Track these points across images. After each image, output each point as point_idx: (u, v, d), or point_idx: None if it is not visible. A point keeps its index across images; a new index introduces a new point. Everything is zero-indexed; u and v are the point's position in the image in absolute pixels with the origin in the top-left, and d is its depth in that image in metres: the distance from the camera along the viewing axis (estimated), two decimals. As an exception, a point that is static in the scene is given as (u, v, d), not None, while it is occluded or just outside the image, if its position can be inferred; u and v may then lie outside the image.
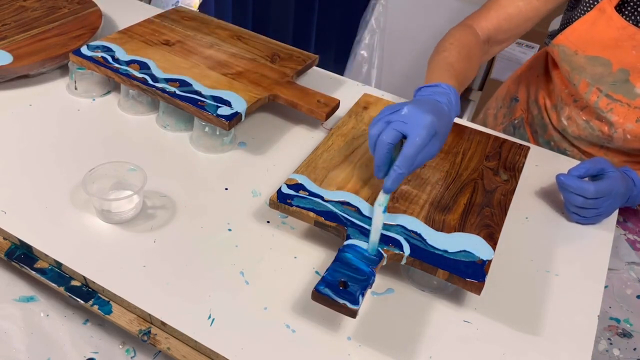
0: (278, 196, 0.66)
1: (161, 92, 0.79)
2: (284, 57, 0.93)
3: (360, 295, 0.55)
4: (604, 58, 0.81)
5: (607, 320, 0.75)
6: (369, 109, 0.84)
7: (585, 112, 0.87)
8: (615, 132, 0.84)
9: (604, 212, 0.74)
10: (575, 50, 0.83)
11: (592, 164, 0.73)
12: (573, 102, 0.88)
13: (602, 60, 0.81)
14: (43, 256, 0.65)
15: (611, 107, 0.83)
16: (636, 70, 0.79)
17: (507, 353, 0.59)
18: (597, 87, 0.83)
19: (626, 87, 0.81)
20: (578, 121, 0.88)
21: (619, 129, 0.84)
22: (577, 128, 0.89)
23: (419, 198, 0.69)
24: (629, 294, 0.79)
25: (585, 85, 0.84)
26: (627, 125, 0.82)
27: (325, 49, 2.05)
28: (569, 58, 0.84)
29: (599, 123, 0.86)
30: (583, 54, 0.82)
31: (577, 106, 0.88)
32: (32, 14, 0.98)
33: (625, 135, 0.83)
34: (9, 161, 0.75)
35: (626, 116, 0.82)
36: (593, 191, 0.70)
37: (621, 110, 0.82)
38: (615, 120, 0.83)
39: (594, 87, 0.83)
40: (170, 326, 0.58)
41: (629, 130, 0.83)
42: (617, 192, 0.72)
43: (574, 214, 0.74)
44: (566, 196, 0.73)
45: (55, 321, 0.64)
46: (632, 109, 0.81)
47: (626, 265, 0.83)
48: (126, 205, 0.68)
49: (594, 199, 0.71)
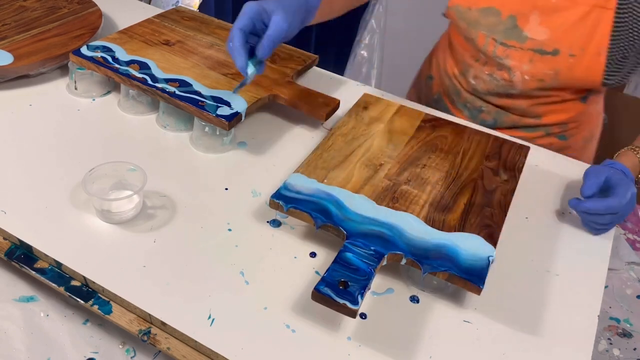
0: (277, 197, 0.66)
1: (161, 92, 0.79)
2: (284, 57, 0.93)
3: (360, 295, 0.55)
4: (494, 8, 0.90)
5: (607, 320, 0.76)
6: (369, 109, 0.84)
7: (487, 67, 0.96)
8: (514, 75, 0.93)
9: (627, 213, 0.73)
10: (468, 6, 0.92)
11: (596, 177, 0.72)
12: (475, 62, 0.98)
13: (492, 10, 0.90)
14: (43, 256, 0.65)
15: (507, 54, 0.91)
16: (521, 14, 0.89)
17: (507, 353, 0.59)
18: (492, 38, 0.92)
19: (516, 32, 0.90)
20: (483, 77, 0.97)
21: (517, 72, 0.92)
22: (484, 84, 0.98)
23: (419, 198, 0.69)
24: (629, 294, 0.79)
25: (483, 37, 0.93)
26: (522, 67, 0.91)
27: (325, 49, 2.04)
28: (463, 15, 0.93)
29: (500, 72, 0.95)
30: (475, 7, 0.92)
31: (480, 64, 0.97)
32: (32, 14, 0.98)
33: (523, 76, 0.92)
34: (9, 161, 0.75)
35: (521, 59, 0.91)
36: (616, 206, 0.70)
37: (516, 54, 0.91)
38: (512, 64, 0.92)
39: (490, 37, 0.92)
40: (170, 326, 0.58)
41: (525, 71, 0.91)
42: (632, 191, 0.72)
43: (599, 230, 0.74)
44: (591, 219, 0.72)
45: (55, 321, 0.64)
46: (525, 51, 0.90)
47: (626, 265, 0.83)
48: (126, 205, 0.68)
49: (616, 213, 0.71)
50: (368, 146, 0.76)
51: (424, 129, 0.81)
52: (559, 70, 0.89)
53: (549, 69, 0.89)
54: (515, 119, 0.99)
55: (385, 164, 0.74)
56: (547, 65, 0.89)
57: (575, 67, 0.88)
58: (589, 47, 0.86)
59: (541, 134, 1.00)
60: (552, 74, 0.90)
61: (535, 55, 0.89)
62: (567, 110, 0.97)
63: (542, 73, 0.90)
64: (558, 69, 0.89)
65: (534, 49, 0.89)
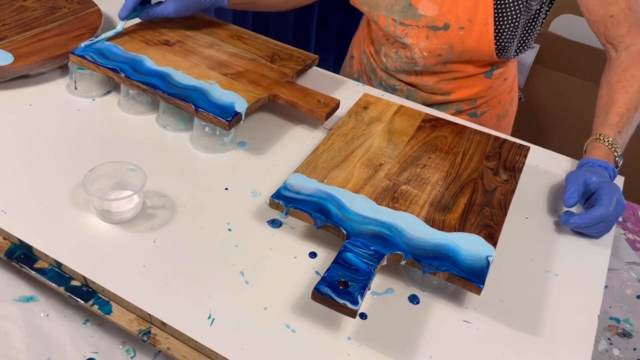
0: (277, 196, 0.66)
1: (161, 92, 0.79)
2: (284, 57, 0.93)
3: (360, 295, 0.55)
4: None
5: (607, 320, 0.76)
6: (369, 109, 0.84)
7: (394, 46, 1.01)
8: (414, 53, 0.98)
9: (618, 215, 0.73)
10: None
11: (575, 184, 0.73)
12: (386, 41, 1.02)
13: None
14: (43, 256, 0.65)
15: (406, 32, 0.96)
16: None
17: (507, 353, 0.59)
18: (392, 18, 0.97)
19: (412, 11, 0.94)
20: (391, 55, 1.02)
21: (415, 49, 0.97)
22: (392, 61, 1.03)
23: (419, 198, 0.69)
24: (629, 294, 0.79)
25: (384, 19, 0.98)
26: (420, 44, 0.96)
27: (325, 49, 2.04)
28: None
29: (403, 50, 1.00)
30: None
31: (389, 43, 1.02)
32: (32, 14, 0.98)
33: (422, 53, 0.97)
34: (9, 161, 0.75)
35: (418, 36, 0.96)
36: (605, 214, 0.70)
37: (413, 32, 0.96)
38: (411, 42, 0.97)
39: (390, 18, 0.97)
40: (170, 326, 0.58)
41: (423, 48, 0.96)
42: (617, 193, 0.72)
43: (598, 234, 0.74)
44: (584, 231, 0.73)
45: (55, 321, 0.64)
46: (421, 28, 0.95)
47: (626, 265, 0.83)
48: (126, 205, 0.68)
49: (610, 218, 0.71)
50: (368, 146, 0.76)
51: (424, 129, 0.81)
52: (452, 44, 0.94)
53: (443, 43, 0.94)
54: (425, 96, 1.04)
55: (385, 164, 0.74)
56: (442, 40, 0.94)
57: (466, 39, 0.93)
58: (476, 18, 0.91)
59: (452, 112, 1.05)
60: (446, 48, 0.95)
61: (430, 31, 0.94)
62: (473, 86, 1.02)
63: (439, 48, 0.95)
64: (451, 42, 0.94)
65: (428, 25, 0.94)
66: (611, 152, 0.77)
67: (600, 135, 0.79)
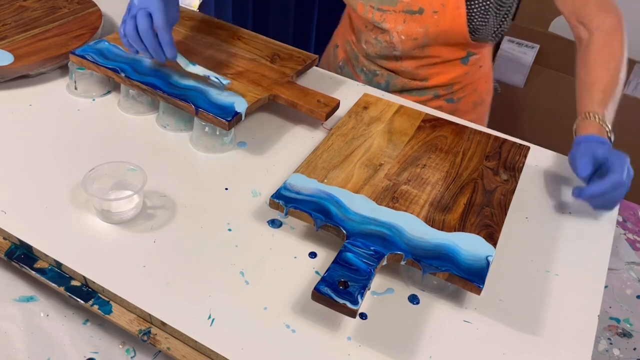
0: (277, 196, 0.66)
1: (161, 92, 0.79)
2: (284, 57, 0.93)
3: (360, 295, 0.55)
4: None
5: (607, 320, 0.76)
6: (369, 109, 0.84)
7: (373, 32, 1.02)
8: (393, 37, 1.00)
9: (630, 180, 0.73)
10: None
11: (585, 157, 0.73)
12: (365, 28, 1.04)
13: None
14: (43, 256, 0.65)
15: (384, 18, 0.98)
16: None
17: (507, 353, 0.59)
18: (369, 5, 0.99)
19: None
20: (371, 41, 1.04)
21: (394, 33, 0.99)
22: (373, 47, 1.05)
23: (419, 198, 0.69)
24: (629, 294, 0.79)
25: (362, 6, 1.00)
26: (397, 27, 0.98)
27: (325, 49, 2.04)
28: None
29: (382, 35, 1.01)
30: None
31: (368, 30, 1.03)
32: (32, 14, 0.98)
33: (400, 37, 0.99)
34: (9, 161, 0.75)
35: (395, 21, 0.98)
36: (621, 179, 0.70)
37: (390, 17, 0.98)
38: (389, 27, 0.99)
39: (368, 5, 0.99)
40: (170, 326, 0.58)
41: (400, 32, 0.98)
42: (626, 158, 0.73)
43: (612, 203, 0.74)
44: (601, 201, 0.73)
45: (55, 321, 0.64)
46: (398, 13, 0.97)
47: (626, 265, 0.83)
48: (126, 205, 0.68)
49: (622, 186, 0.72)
50: (368, 146, 0.76)
51: (423, 129, 0.81)
52: (427, 28, 0.96)
53: (419, 27, 0.97)
54: (404, 81, 1.06)
55: (385, 164, 0.74)
56: (417, 24, 0.97)
57: (440, 23, 0.95)
58: (448, 2, 0.93)
59: (430, 97, 1.07)
60: (422, 31, 0.97)
61: (407, 15, 0.96)
62: (449, 72, 1.04)
63: (415, 32, 0.97)
64: (427, 26, 0.96)
65: (404, 10, 0.96)
66: (603, 128, 0.78)
67: (589, 113, 0.79)
